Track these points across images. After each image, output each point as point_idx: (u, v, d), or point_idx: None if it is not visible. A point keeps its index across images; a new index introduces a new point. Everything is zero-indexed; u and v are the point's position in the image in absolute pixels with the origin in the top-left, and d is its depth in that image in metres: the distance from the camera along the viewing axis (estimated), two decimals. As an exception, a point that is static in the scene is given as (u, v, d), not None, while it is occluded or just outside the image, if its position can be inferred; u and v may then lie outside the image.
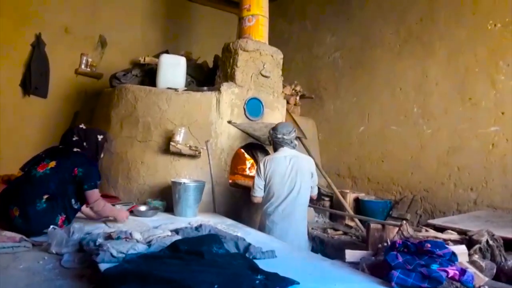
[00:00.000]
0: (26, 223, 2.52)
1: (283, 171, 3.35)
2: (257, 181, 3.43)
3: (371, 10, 5.40)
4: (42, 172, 2.65)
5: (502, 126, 4.05)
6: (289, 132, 3.47)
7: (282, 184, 3.34)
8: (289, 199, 3.31)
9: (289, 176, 3.34)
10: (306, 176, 3.40)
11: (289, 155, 3.43)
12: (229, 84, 4.25)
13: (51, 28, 5.26)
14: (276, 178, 3.35)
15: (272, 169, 3.38)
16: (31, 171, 2.67)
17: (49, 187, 2.62)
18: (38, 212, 2.55)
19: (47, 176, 2.64)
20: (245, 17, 4.51)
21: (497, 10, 4.15)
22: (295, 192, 3.33)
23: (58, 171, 2.67)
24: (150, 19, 6.21)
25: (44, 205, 2.58)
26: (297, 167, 3.37)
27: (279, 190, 3.33)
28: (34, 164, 2.71)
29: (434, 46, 4.65)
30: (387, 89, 5.10)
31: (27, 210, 2.53)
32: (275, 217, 3.31)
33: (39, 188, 2.60)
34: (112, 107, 4.32)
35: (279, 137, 3.47)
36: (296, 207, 3.33)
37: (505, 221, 3.35)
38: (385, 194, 4.94)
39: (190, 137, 4.01)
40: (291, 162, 3.38)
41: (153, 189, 3.96)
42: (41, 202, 2.58)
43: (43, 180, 2.62)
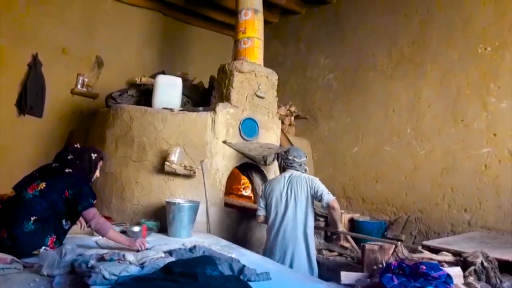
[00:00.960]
0: (14, 245, 2.48)
1: (280, 190, 3.44)
2: (260, 200, 3.64)
3: (364, 33, 5.51)
4: (31, 194, 2.62)
5: (494, 148, 4.10)
6: (300, 156, 3.57)
7: (277, 206, 3.42)
8: (285, 218, 3.35)
9: (285, 195, 3.40)
10: (301, 196, 3.39)
11: (289, 174, 3.50)
12: (224, 104, 4.29)
13: (48, 48, 5.30)
14: (273, 200, 3.45)
15: (271, 188, 3.51)
16: (22, 192, 2.64)
17: (37, 209, 2.58)
18: (25, 234, 2.51)
19: (35, 198, 2.60)
20: (241, 39, 4.58)
21: (487, 34, 4.26)
22: (291, 211, 3.36)
23: (47, 193, 2.63)
24: (146, 40, 6.28)
25: (32, 227, 2.54)
26: (292, 185, 3.42)
27: (275, 212, 3.41)
28: (26, 185, 2.68)
29: (426, 68, 4.74)
30: (380, 110, 5.16)
31: (14, 232, 2.49)
32: (272, 236, 3.37)
33: (27, 210, 2.56)
34: (108, 127, 4.32)
35: (290, 158, 3.54)
36: (293, 226, 3.34)
37: (499, 243, 3.35)
38: (380, 214, 4.94)
39: (185, 157, 4.01)
40: (289, 180, 3.45)
41: (147, 210, 3.93)
42: (28, 224, 2.54)
43: (31, 202, 2.59)
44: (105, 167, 4.12)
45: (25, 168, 2.88)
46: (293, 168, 3.53)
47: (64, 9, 5.46)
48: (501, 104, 4.11)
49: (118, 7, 5.95)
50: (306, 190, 3.40)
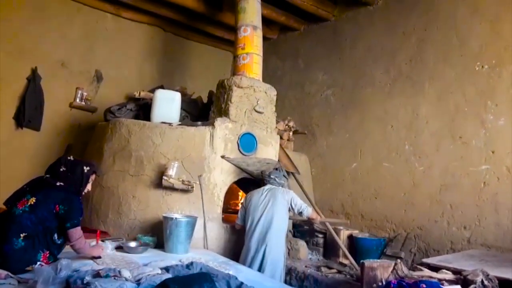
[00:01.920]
0: (5, 262, 2.44)
1: (257, 200, 3.82)
2: (240, 210, 4.01)
3: (362, 50, 5.57)
4: (21, 210, 2.57)
5: (493, 165, 4.10)
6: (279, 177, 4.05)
7: (254, 211, 3.76)
8: (261, 224, 3.68)
9: (261, 204, 3.76)
10: (280, 205, 3.78)
11: (267, 187, 3.93)
12: (223, 119, 4.29)
13: (47, 62, 5.33)
14: (251, 207, 3.81)
15: (250, 199, 3.88)
16: (12, 208, 2.60)
17: (27, 225, 2.54)
18: (16, 251, 2.47)
19: (25, 214, 2.56)
20: (240, 55, 4.61)
21: (484, 52, 4.31)
22: (267, 219, 3.68)
23: (37, 208, 2.58)
24: (146, 55, 6.33)
25: (22, 244, 2.50)
26: (270, 196, 3.81)
27: (252, 217, 3.76)
28: (16, 200, 2.63)
29: (424, 85, 4.77)
30: (378, 126, 5.17)
31: (4, 249, 2.46)
32: (249, 242, 3.67)
33: (16, 226, 2.52)
34: (105, 140, 4.31)
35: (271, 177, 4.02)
36: (269, 233, 3.64)
37: (499, 261, 3.33)
38: (379, 231, 4.90)
39: (183, 171, 3.99)
40: (266, 192, 3.86)
41: (144, 224, 3.89)
42: (18, 241, 2.50)
43: (20, 218, 2.55)
44: (102, 181, 4.10)
45: (22, 181, 2.83)
46: (270, 184, 3.97)
47: (64, 24, 5.52)
48: (499, 122, 4.12)
49: (119, 22, 6.01)
50: (281, 198, 3.83)
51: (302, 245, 4.58)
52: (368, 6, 5.51)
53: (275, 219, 3.71)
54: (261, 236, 3.66)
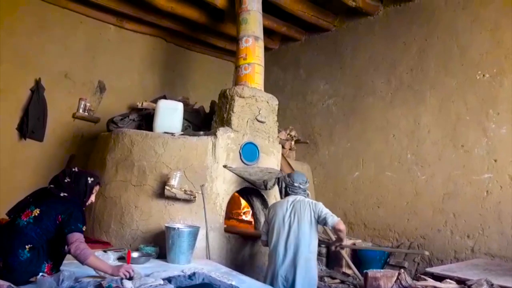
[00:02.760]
0: (10, 274, 2.43)
1: (283, 214, 3.35)
2: (264, 226, 3.61)
3: (363, 60, 5.60)
4: (25, 221, 2.56)
5: (495, 173, 4.09)
6: (305, 182, 3.51)
7: (279, 230, 3.32)
8: (288, 242, 3.26)
9: (288, 219, 3.31)
10: (304, 221, 3.29)
11: (292, 199, 3.41)
12: (225, 129, 4.30)
13: (51, 74, 5.37)
14: (275, 224, 3.35)
15: (274, 214, 3.41)
16: (16, 219, 2.58)
17: (31, 237, 2.52)
18: (21, 262, 2.46)
19: (29, 225, 2.54)
20: (242, 65, 4.64)
21: (485, 61, 4.33)
22: (293, 236, 3.26)
23: (41, 220, 2.57)
24: (148, 65, 6.38)
25: (27, 255, 2.49)
26: (296, 209, 3.33)
27: (277, 233, 3.32)
28: (19, 211, 2.62)
29: (425, 94, 4.79)
30: (380, 135, 5.18)
31: (9, 261, 2.44)
32: (274, 260, 3.29)
33: (21, 238, 2.51)
34: (108, 151, 4.33)
35: (295, 185, 3.45)
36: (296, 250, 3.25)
37: (503, 270, 3.31)
38: (382, 240, 4.88)
39: (186, 181, 3.99)
40: (292, 204, 3.36)
41: (146, 235, 3.88)
42: (24, 252, 2.48)
43: (25, 229, 2.53)
44: (105, 192, 4.10)
45: (25, 192, 2.83)
46: (299, 194, 3.46)
47: (67, 36, 5.57)
48: (501, 130, 4.13)
49: (121, 33, 6.07)
50: (309, 214, 3.30)
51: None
52: (368, 16, 5.56)
53: (303, 239, 3.26)
54: (288, 260, 3.25)
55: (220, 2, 5.14)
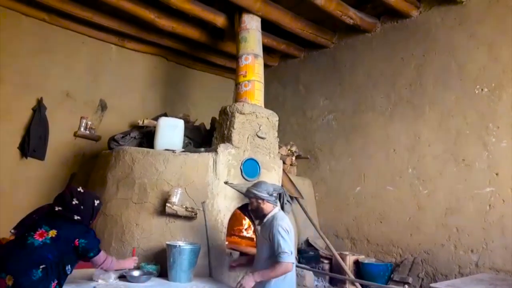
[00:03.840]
0: None
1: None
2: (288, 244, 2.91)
3: (361, 75, 5.65)
4: (41, 242, 2.56)
5: (498, 187, 4.08)
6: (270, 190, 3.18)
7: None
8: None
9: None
10: None
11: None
12: (226, 145, 4.32)
13: (53, 93, 5.42)
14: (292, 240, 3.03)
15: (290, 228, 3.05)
16: (27, 238, 2.57)
17: (47, 258, 2.53)
18: (33, 282, 2.45)
19: (46, 246, 2.55)
20: (242, 82, 4.69)
21: (483, 76, 4.36)
22: None
23: (58, 242, 2.60)
24: (149, 83, 6.43)
25: (40, 275, 2.49)
26: None
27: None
28: (30, 230, 2.62)
29: (425, 109, 4.81)
30: (381, 150, 5.18)
31: (22, 281, 2.42)
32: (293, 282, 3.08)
33: (36, 257, 2.51)
34: (109, 168, 4.33)
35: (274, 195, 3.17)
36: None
37: (509, 285, 3.27)
38: (385, 256, 4.82)
39: (187, 198, 3.98)
40: None
41: (147, 253, 3.85)
42: (37, 272, 2.48)
43: (42, 250, 2.54)
44: (105, 210, 4.09)
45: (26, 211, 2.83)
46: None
47: (70, 56, 5.65)
48: (501, 144, 4.13)
49: (123, 53, 6.15)
50: None
51: (307, 271, 4.50)
52: (366, 33, 5.62)
53: None
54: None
55: (220, 21, 5.22)
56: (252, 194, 3.13)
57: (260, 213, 3.14)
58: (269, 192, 3.10)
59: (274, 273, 2.86)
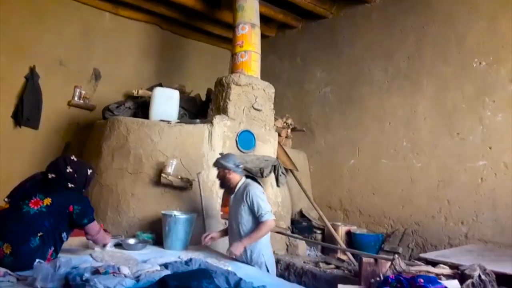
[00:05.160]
0: (17, 261, 2.46)
1: None
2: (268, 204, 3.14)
3: (360, 48, 5.57)
4: (37, 210, 2.59)
5: (490, 161, 4.12)
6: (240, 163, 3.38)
7: None
8: None
9: None
10: None
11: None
12: (221, 117, 4.30)
13: (45, 61, 5.32)
14: None
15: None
16: (22, 207, 2.59)
17: (44, 225, 2.57)
18: (31, 250, 2.50)
19: (42, 214, 2.58)
20: (238, 53, 4.63)
21: (482, 49, 4.32)
22: None
23: (53, 209, 2.63)
24: (144, 53, 6.32)
25: (38, 242, 2.54)
26: None
27: None
28: (24, 198, 2.63)
29: (422, 83, 4.78)
30: (376, 124, 5.19)
31: (20, 248, 2.47)
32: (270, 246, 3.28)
33: (33, 226, 2.55)
34: (104, 139, 4.32)
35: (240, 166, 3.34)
36: None
37: (496, 255, 3.35)
38: (377, 227, 4.92)
39: (182, 169, 4.00)
40: None
41: (143, 222, 3.90)
42: (35, 240, 2.53)
43: (38, 218, 2.57)
44: (101, 179, 4.11)
45: (20, 179, 2.84)
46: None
47: (63, 24, 5.51)
48: (497, 118, 4.14)
49: (116, 21, 6.00)
50: None
51: (300, 241, 4.60)
52: (366, 3, 5.51)
53: None
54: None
55: (216, -12, 5.08)
56: (220, 164, 3.30)
57: (227, 182, 3.32)
58: (235, 163, 3.27)
59: (260, 233, 3.04)
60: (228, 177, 3.29)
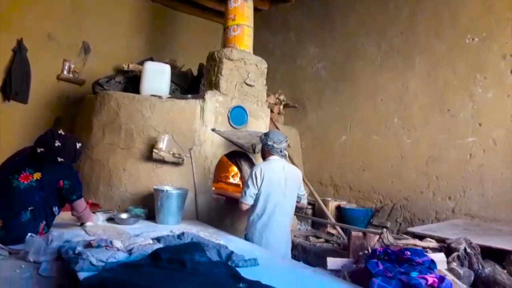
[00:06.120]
0: (9, 235, 2.48)
1: (279, 179, 3.28)
2: (250, 188, 3.25)
3: (353, 23, 5.51)
4: (27, 184, 2.59)
5: (479, 137, 4.17)
6: (280, 141, 3.38)
7: (279, 194, 3.26)
8: (282, 208, 3.26)
9: (284, 186, 3.28)
10: (295, 186, 3.38)
11: (281, 165, 3.37)
12: (213, 92, 4.27)
13: (33, 34, 5.19)
14: (274, 188, 3.25)
15: (268, 177, 3.25)
16: (12, 182, 2.58)
17: (34, 200, 2.59)
18: (22, 223, 2.52)
19: (32, 189, 2.59)
20: (230, 26, 4.54)
21: (475, 25, 4.30)
22: (288, 202, 3.32)
23: (44, 184, 2.63)
24: (135, 27, 6.19)
25: (28, 216, 2.56)
26: (289, 177, 3.33)
27: (275, 200, 3.24)
28: (13, 173, 2.62)
29: (414, 59, 4.77)
30: (368, 100, 5.19)
31: (11, 223, 2.49)
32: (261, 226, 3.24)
33: (24, 200, 2.56)
34: (95, 113, 4.27)
35: (269, 144, 3.37)
36: (286, 216, 3.32)
37: (482, 230, 3.44)
38: (366, 202, 5.00)
39: (174, 144, 3.99)
40: (284, 171, 3.33)
41: (135, 197, 3.92)
42: (26, 214, 2.55)
43: (28, 192, 2.57)
44: (92, 154, 4.10)
45: (10, 154, 2.82)
46: (275, 154, 3.38)
47: (52, -5, 5.35)
48: (487, 95, 4.16)
49: (106, -7, 5.84)
50: (298, 185, 3.43)
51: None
52: (360, -23, 5.42)
53: (290, 205, 3.35)
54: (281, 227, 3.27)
55: (207, -41, 4.94)
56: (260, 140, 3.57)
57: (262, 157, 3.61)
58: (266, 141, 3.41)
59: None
60: (262, 154, 3.57)
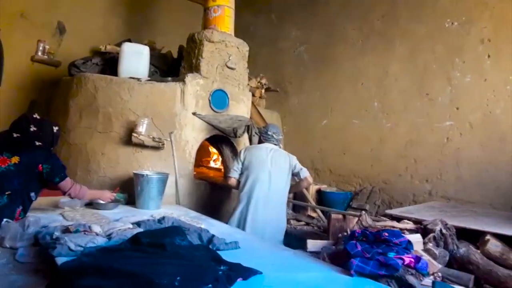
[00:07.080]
0: None
1: (263, 157, 3.47)
2: (234, 163, 3.60)
3: (335, 6, 5.48)
4: (4, 168, 2.52)
5: (457, 121, 4.25)
6: (277, 133, 3.66)
7: (260, 169, 3.42)
8: (266, 185, 3.37)
9: (268, 165, 3.43)
10: (284, 167, 3.49)
11: (270, 147, 3.56)
12: (194, 75, 4.20)
13: (5, 13, 4.96)
14: (255, 163, 3.45)
15: (251, 155, 3.51)
16: None
17: (13, 184, 2.53)
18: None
19: (10, 173, 2.52)
20: (211, 7, 4.45)
21: (455, 9, 4.34)
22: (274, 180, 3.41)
23: (22, 168, 2.57)
24: (112, 7, 5.99)
25: (5, 201, 2.50)
26: (274, 157, 3.48)
27: (253, 176, 3.41)
28: None
29: (395, 43, 4.79)
30: (349, 84, 5.21)
31: None
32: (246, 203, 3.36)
33: (1, 184, 2.49)
34: (71, 96, 4.15)
35: (269, 134, 3.62)
36: (271, 194, 3.39)
37: (458, 211, 3.53)
38: (346, 185, 5.08)
39: (154, 128, 3.93)
40: (272, 152, 3.51)
41: (114, 182, 3.85)
42: (2, 198, 2.50)
43: (6, 176, 2.51)
44: (69, 139, 4.00)
45: (-17, 138, 2.72)
46: (271, 142, 3.60)
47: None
48: (465, 79, 4.23)
49: (81, -31, 5.62)
50: (287, 165, 3.51)
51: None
52: (342, -41, 5.37)
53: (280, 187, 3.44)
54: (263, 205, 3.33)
55: None
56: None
57: None
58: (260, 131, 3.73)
59: None
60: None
